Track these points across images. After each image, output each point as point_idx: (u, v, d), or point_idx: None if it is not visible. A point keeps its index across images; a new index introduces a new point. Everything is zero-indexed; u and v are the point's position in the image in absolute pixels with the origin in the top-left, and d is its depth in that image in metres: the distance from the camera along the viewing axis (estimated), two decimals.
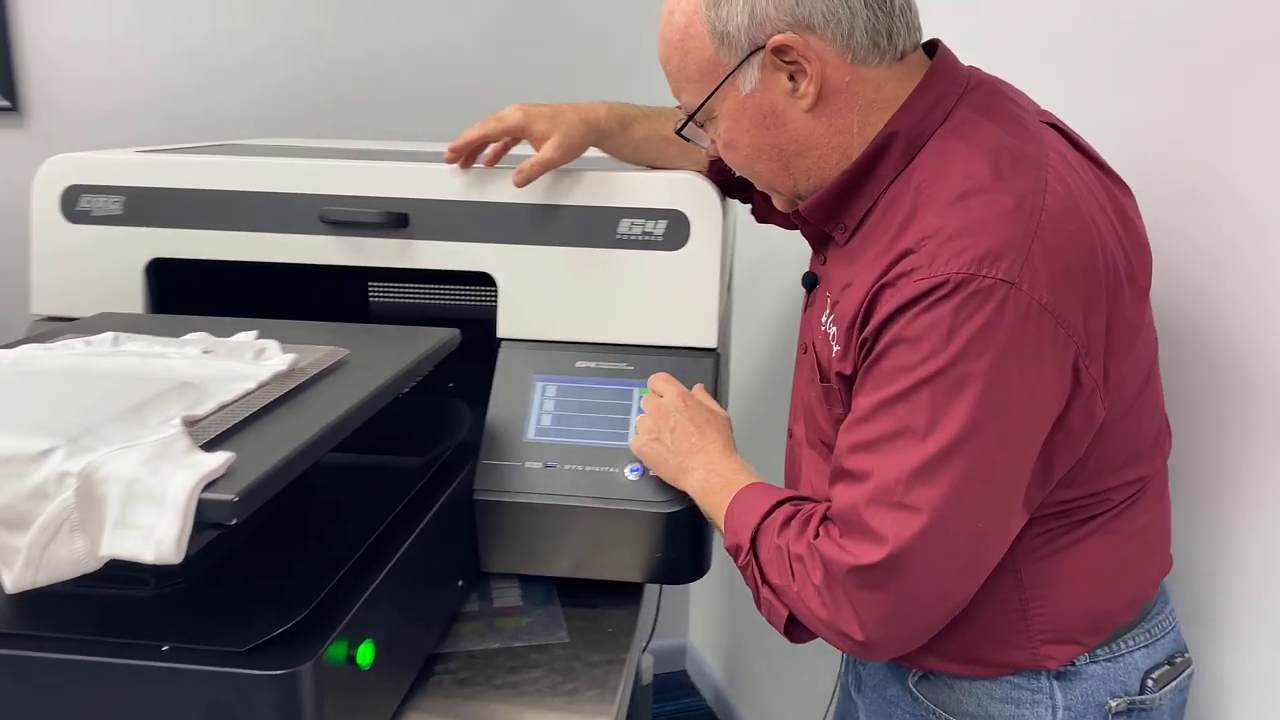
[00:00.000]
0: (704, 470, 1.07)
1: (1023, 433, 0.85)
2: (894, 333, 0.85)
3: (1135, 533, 0.98)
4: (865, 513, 0.85)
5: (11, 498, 0.69)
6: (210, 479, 0.69)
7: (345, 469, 1.12)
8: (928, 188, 0.88)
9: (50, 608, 0.82)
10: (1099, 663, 0.97)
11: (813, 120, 0.93)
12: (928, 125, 0.92)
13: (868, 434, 0.86)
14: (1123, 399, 0.91)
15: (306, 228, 1.27)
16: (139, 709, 0.77)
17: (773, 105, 0.93)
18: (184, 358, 0.94)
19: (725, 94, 0.95)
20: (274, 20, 2.12)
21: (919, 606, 0.88)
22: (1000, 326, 0.81)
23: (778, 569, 0.93)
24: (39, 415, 0.76)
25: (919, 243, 0.85)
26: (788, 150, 0.96)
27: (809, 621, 0.91)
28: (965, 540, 0.85)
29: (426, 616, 1.04)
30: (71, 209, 1.30)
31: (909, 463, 0.83)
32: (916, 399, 0.83)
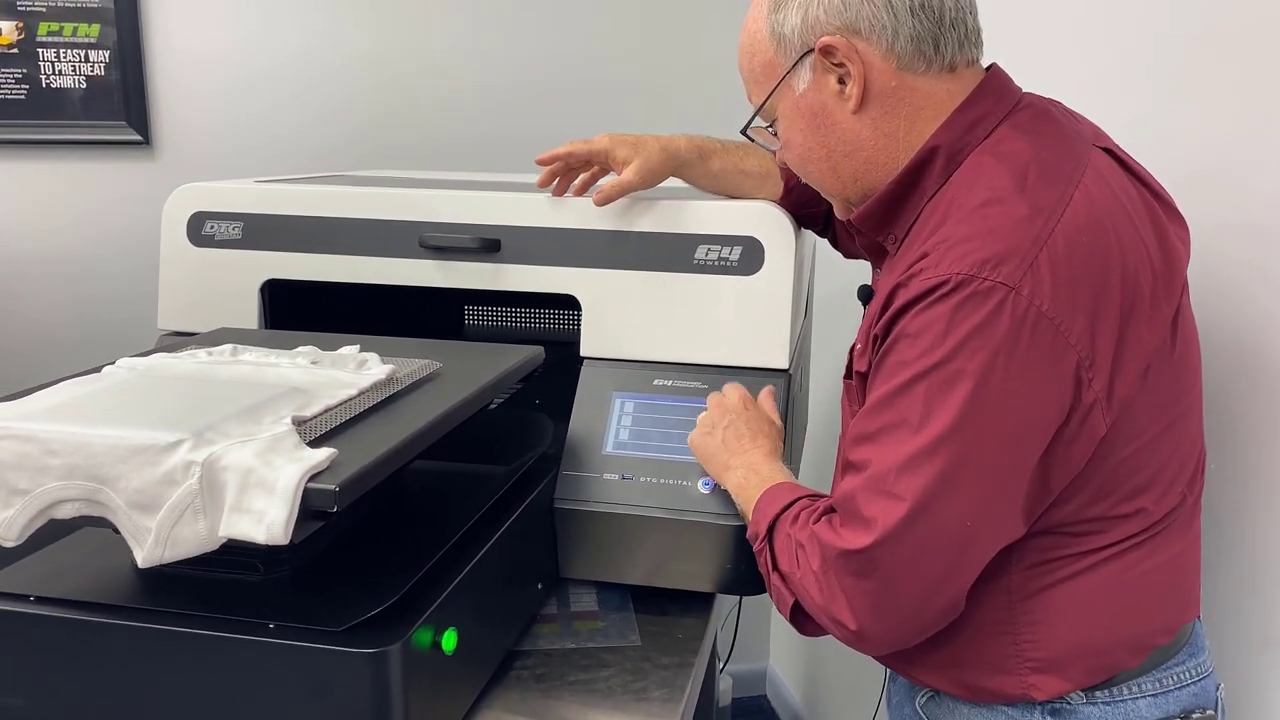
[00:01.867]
0: (745, 470, 1.11)
1: (1015, 435, 0.86)
2: (899, 328, 0.89)
3: (1146, 571, 0.95)
4: (859, 500, 0.89)
5: (144, 483, 0.78)
6: (315, 471, 0.77)
7: (438, 475, 1.20)
8: (958, 199, 0.92)
9: (172, 587, 0.92)
10: (1096, 704, 0.96)
11: (859, 122, 0.98)
12: (969, 141, 0.95)
13: (870, 425, 0.90)
14: (1135, 423, 0.91)
15: (407, 252, 1.36)
16: (246, 680, 0.85)
17: (822, 105, 0.99)
18: (294, 367, 1.03)
19: (782, 94, 1.01)
20: (374, 66, 2.26)
21: (904, 597, 0.90)
22: (996, 328, 0.84)
23: (787, 557, 0.97)
24: (169, 412, 0.85)
25: (934, 246, 0.89)
26: (836, 151, 1.01)
27: (810, 608, 0.95)
28: (950, 535, 0.87)
29: (506, 613, 1.11)
30: (197, 233, 1.43)
31: (901, 453, 0.86)
32: (913, 392, 0.87)
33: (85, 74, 2.14)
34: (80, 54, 2.13)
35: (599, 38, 2.34)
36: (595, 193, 1.28)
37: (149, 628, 0.86)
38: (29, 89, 2.12)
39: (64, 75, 2.13)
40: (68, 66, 2.13)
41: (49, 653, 0.89)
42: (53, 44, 2.12)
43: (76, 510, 0.81)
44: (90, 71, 2.14)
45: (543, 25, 2.31)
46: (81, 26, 2.12)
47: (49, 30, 2.11)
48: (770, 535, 1.00)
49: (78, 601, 0.89)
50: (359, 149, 2.27)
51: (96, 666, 0.88)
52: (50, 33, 2.11)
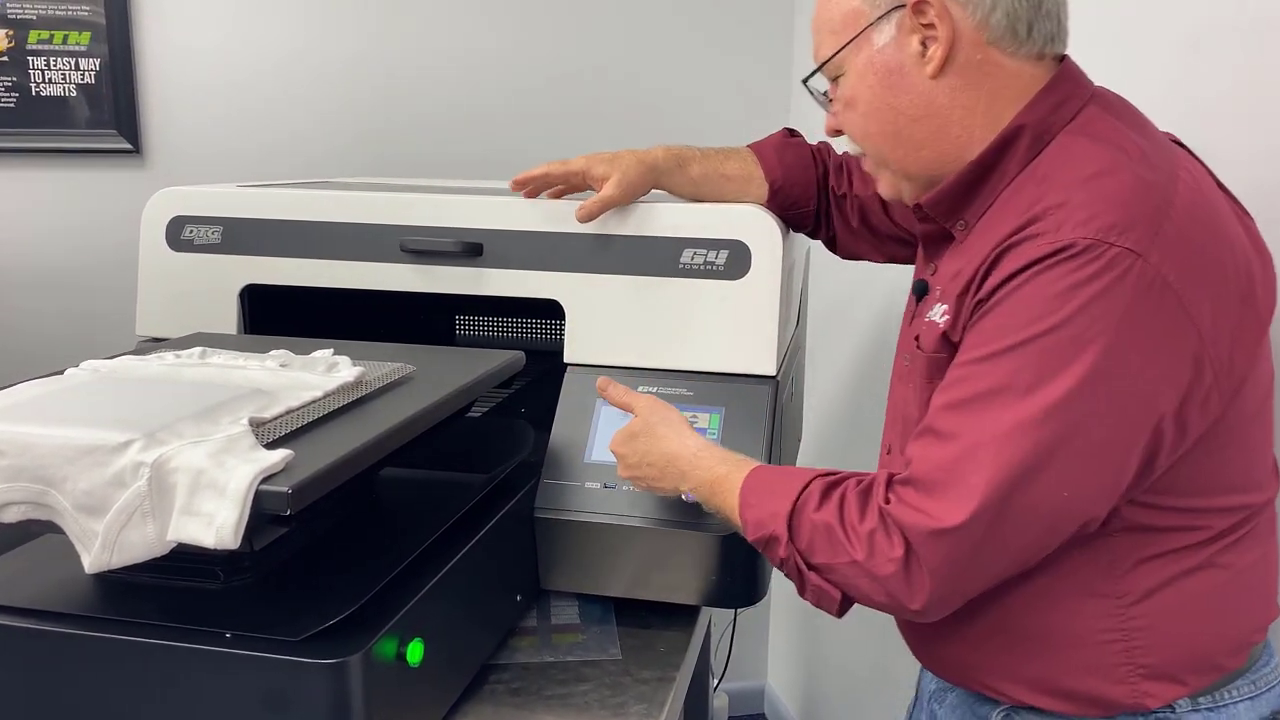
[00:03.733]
0: (689, 481, 1.05)
1: (1129, 409, 0.83)
2: (1009, 290, 0.84)
3: (1243, 569, 0.93)
4: (952, 472, 0.83)
5: (92, 485, 0.75)
6: (269, 473, 0.74)
7: (414, 483, 1.17)
8: (1054, 175, 0.89)
9: (129, 596, 0.89)
10: (1200, 711, 0.93)
11: (934, 87, 0.94)
12: (1055, 122, 0.92)
13: (962, 392, 0.86)
14: (1241, 414, 0.89)
15: (388, 256, 1.34)
16: (201, 690, 0.82)
17: (900, 64, 0.95)
18: (261, 369, 1.00)
19: (859, 46, 0.96)
20: (366, 75, 2.24)
21: (987, 571, 0.87)
22: (1122, 296, 0.80)
23: (822, 547, 0.90)
24: (123, 413, 0.82)
25: (1045, 212, 0.85)
26: (904, 114, 0.96)
27: (863, 595, 0.89)
28: (1048, 509, 0.83)
29: (481, 625, 1.07)
30: (176, 238, 1.40)
31: (1005, 421, 0.82)
32: (1023, 356, 0.82)
33: (76, 82, 2.13)
34: (71, 62, 2.12)
35: (594, 48, 2.33)
36: (578, 209, 1.25)
37: (103, 637, 0.83)
38: (19, 97, 2.11)
39: (54, 84, 2.12)
40: (58, 75, 2.12)
41: (1, 663, 0.86)
42: (43, 52, 2.11)
43: (23, 514, 0.78)
44: (81, 80, 2.13)
45: (538, 35, 2.30)
46: (72, 35, 2.11)
47: (39, 39, 2.10)
48: (792, 534, 0.92)
49: (30, 610, 0.86)
50: (351, 157, 2.25)
51: (49, 677, 0.85)
52: (41, 41, 2.10)
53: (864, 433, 2.15)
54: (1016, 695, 0.98)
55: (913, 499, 0.86)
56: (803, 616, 2.51)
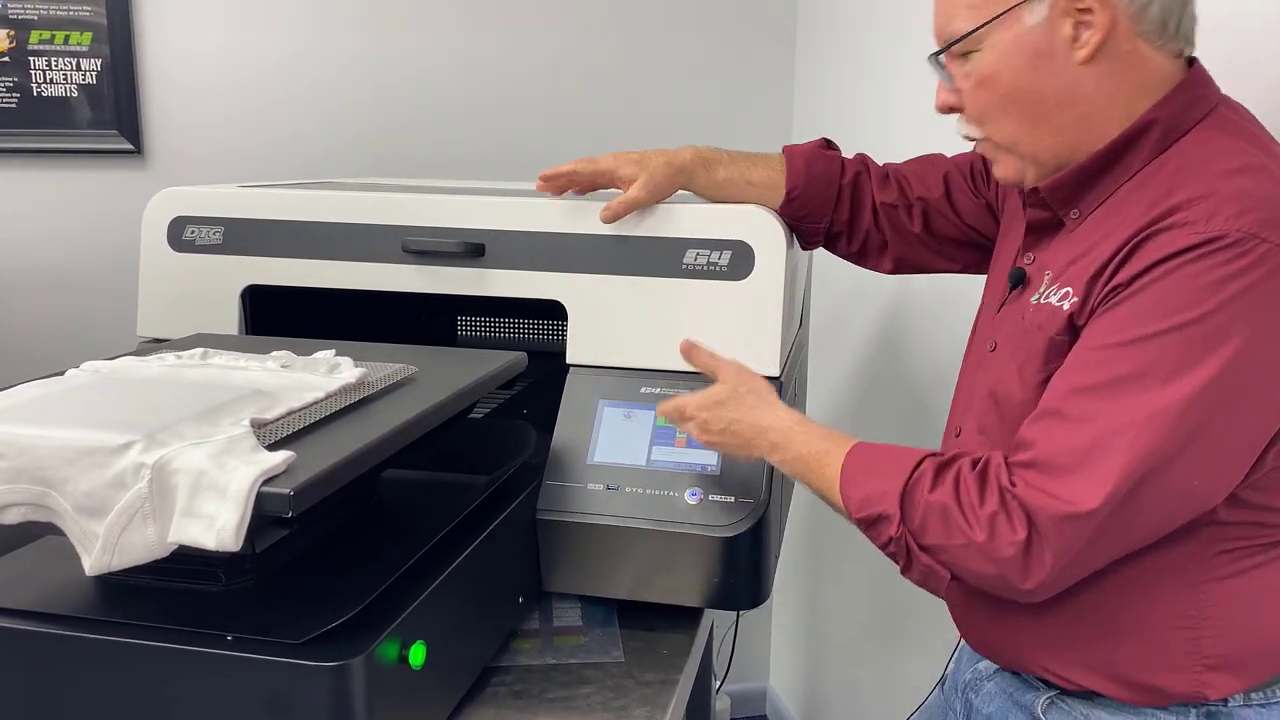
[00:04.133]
0: (780, 454, 1.04)
1: (1268, 404, 0.84)
2: (1153, 278, 0.84)
3: None
4: (1086, 456, 0.83)
5: (93, 486, 0.75)
6: (271, 474, 0.74)
7: (417, 485, 1.17)
8: (1190, 166, 0.89)
9: (131, 598, 0.88)
10: (1252, 707, 0.93)
11: (1082, 74, 0.92)
12: (1186, 120, 0.92)
13: (1095, 376, 0.85)
14: None
15: (389, 257, 1.33)
16: (202, 693, 0.82)
17: (1050, 47, 0.92)
18: (262, 370, 1.00)
19: (1006, 24, 0.93)
20: (368, 76, 2.24)
21: (1106, 555, 0.87)
22: (1271, 291, 0.80)
23: (936, 528, 0.90)
24: (123, 414, 0.82)
25: (1190, 202, 0.84)
26: (1049, 98, 0.94)
27: (975, 575, 0.89)
28: (1179, 496, 0.84)
29: (483, 627, 1.07)
30: (177, 238, 1.40)
31: (1143, 407, 0.82)
32: (1165, 343, 0.82)
33: (77, 83, 2.12)
34: (72, 63, 2.11)
35: (595, 47, 2.32)
36: (603, 209, 1.25)
37: (104, 640, 0.83)
38: (20, 97, 2.10)
39: (56, 84, 2.12)
40: (59, 75, 2.11)
41: (4, 666, 0.85)
42: (45, 52, 2.10)
43: (23, 515, 0.78)
44: (82, 80, 2.12)
45: (538, 32, 2.29)
46: (74, 35, 2.11)
47: (41, 39, 2.10)
48: (904, 508, 0.92)
49: (31, 612, 0.86)
50: (351, 156, 2.25)
51: (50, 680, 0.84)
52: (42, 41, 2.10)
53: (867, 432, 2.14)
54: (1072, 677, 0.97)
55: (1041, 482, 0.85)
56: (805, 619, 2.50)
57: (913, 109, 1.85)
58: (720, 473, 1.18)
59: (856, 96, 2.12)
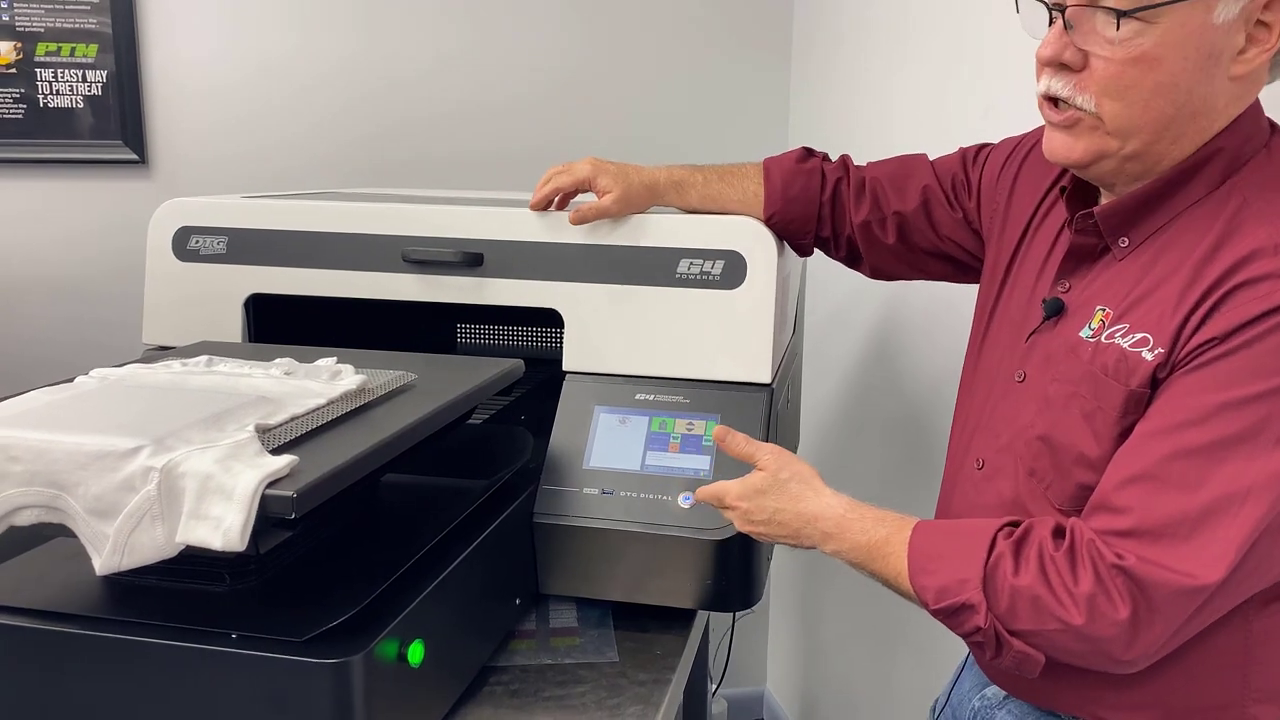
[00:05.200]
0: (835, 544, 0.99)
1: None
2: (1253, 334, 0.80)
3: None
4: (1201, 525, 0.80)
5: (103, 489, 0.77)
6: (275, 477, 0.77)
7: (416, 489, 1.19)
8: (1256, 203, 0.86)
9: (138, 598, 0.91)
10: None
11: (1226, 89, 0.87)
12: (1247, 150, 0.89)
13: (1199, 438, 0.81)
14: None
15: (390, 266, 1.36)
16: (209, 690, 0.84)
17: (1220, 52, 0.85)
18: (266, 377, 1.03)
19: (1198, 10, 0.83)
20: (369, 87, 2.27)
21: (1210, 619, 0.84)
22: None
23: (1027, 614, 0.85)
24: (131, 419, 0.85)
25: (1268, 250, 0.82)
26: (1192, 102, 0.87)
27: (1073, 655, 0.86)
28: (1275, 559, 0.82)
29: (481, 628, 1.10)
30: (182, 248, 1.43)
31: (1258, 471, 0.79)
32: (1273, 404, 0.79)
33: (83, 94, 2.16)
34: (78, 74, 2.15)
35: (592, 52, 2.35)
36: (573, 211, 1.28)
37: (112, 638, 0.86)
38: (27, 108, 2.13)
39: (62, 95, 2.15)
40: (65, 86, 2.15)
41: (10, 663, 0.88)
42: (51, 64, 2.13)
43: (36, 517, 0.80)
44: (88, 91, 2.16)
45: (534, 41, 2.32)
46: (79, 47, 2.14)
47: (47, 50, 2.13)
48: (988, 596, 0.87)
49: (41, 611, 0.89)
50: (353, 167, 2.28)
51: (59, 677, 0.87)
52: (49, 53, 2.13)
53: (861, 440, 2.17)
54: (1107, 715, 0.95)
55: (1152, 554, 0.81)
56: (801, 623, 2.53)
57: (909, 115, 1.88)
58: (713, 477, 1.21)
59: (852, 101, 2.15)
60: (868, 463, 2.15)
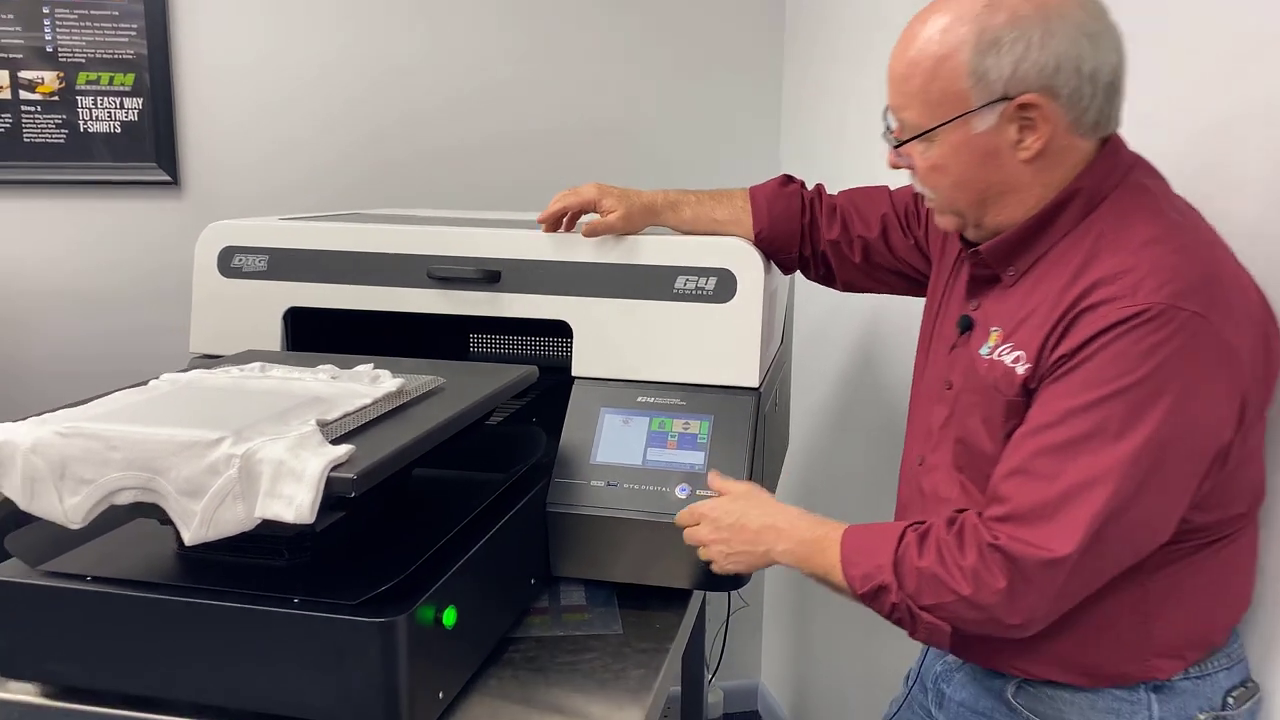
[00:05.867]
0: (782, 543, 1.17)
1: (1201, 447, 0.97)
2: (1095, 348, 0.97)
3: (1235, 563, 1.10)
4: (1058, 509, 0.96)
5: (192, 473, 0.92)
6: (337, 463, 0.91)
7: (442, 482, 1.34)
8: (1109, 235, 1.03)
9: (209, 570, 1.05)
10: (1190, 679, 1.10)
11: (1025, 170, 1.06)
12: (1105, 187, 1.06)
13: (1056, 438, 0.98)
14: (1251, 445, 1.05)
15: (416, 282, 1.51)
16: (273, 647, 0.99)
17: (996, 148, 1.05)
18: (316, 380, 1.17)
19: (957, 126, 1.05)
20: (388, 113, 2.42)
21: (1084, 590, 1.00)
22: (1193, 352, 0.95)
23: (929, 590, 1.03)
24: (211, 415, 1.00)
25: (1114, 276, 0.98)
26: (993, 188, 1.08)
27: (970, 624, 1.02)
28: (1139, 533, 0.98)
29: (502, 601, 1.24)
30: (226, 265, 1.58)
31: (1101, 463, 0.95)
32: (1112, 406, 0.95)
33: (120, 120, 2.31)
34: (116, 101, 2.30)
35: (603, 89, 2.51)
36: (585, 226, 1.44)
37: (191, 602, 1.00)
38: (68, 133, 2.29)
39: (100, 121, 2.30)
40: (104, 113, 2.30)
41: (103, 624, 1.03)
42: (91, 92, 2.29)
43: (133, 497, 0.95)
44: (125, 117, 2.31)
45: (547, 75, 2.48)
46: (118, 76, 2.30)
47: (87, 79, 2.29)
48: (899, 577, 1.05)
49: (129, 580, 1.03)
50: (370, 189, 2.44)
51: (143, 636, 1.02)
52: (89, 82, 2.29)
53: (848, 442, 2.32)
54: (1039, 672, 1.13)
55: (1020, 533, 0.98)
56: (794, 618, 2.66)
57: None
58: (706, 470, 1.35)
59: (843, 120, 2.30)
60: (852, 464, 2.29)
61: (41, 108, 2.27)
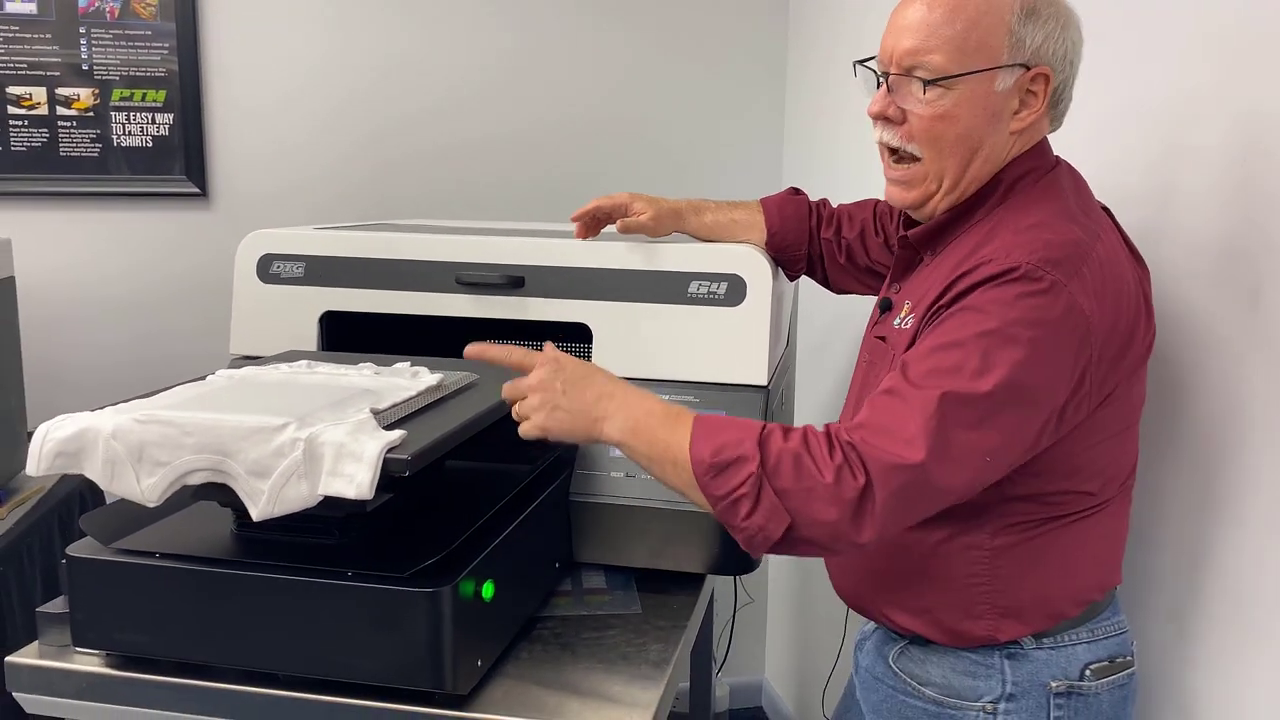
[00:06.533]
0: (623, 412, 1.12)
1: (1041, 396, 1.05)
2: (965, 302, 1.07)
3: (1087, 541, 1.19)
4: (909, 422, 1.02)
5: (260, 455, 1.02)
6: (392, 445, 1.01)
7: (472, 472, 1.43)
8: (1007, 221, 1.14)
9: (269, 548, 1.15)
10: (1044, 649, 1.19)
11: (1008, 140, 1.16)
12: (1024, 182, 1.17)
13: (919, 369, 1.05)
14: (1101, 426, 1.14)
15: (444, 288, 1.61)
16: (329, 615, 1.08)
17: (1002, 111, 1.14)
18: (360, 376, 1.27)
19: (984, 79, 1.12)
20: (406, 125, 2.53)
21: (923, 506, 1.06)
22: (1050, 309, 1.04)
23: (788, 471, 1.02)
24: (274, 404, 1.09)
25: (996, 250, 1.08)
26: (983, 150, 1.16)
27: (815, 519, 1.02)
28: (978, 458, 1.04)
29: (531, 581, 1.34)
30: (265, 272, 1.67)
31: (955, 391, 1.02)
32: (974, 347, 1.03)
33: (151, 134, 2.42)
34: (148, 117, 2.41)
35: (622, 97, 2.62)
36: (620, 222, 1.55)
37: (254, 575, 1.10)
38: (102, 147, 2.39)
39: (133, 135, 2.41)
40: (136, 128, 2.41)
41: (171, 597, 1.12)
42: (124, 108, 2.40)
43: (204, 478, 1.05)
44: (156, 132, 2.42)
45: (564, 85, 2.59)
46: (150, 93, 2.40)
47: (121, 96, 2.39)
48: (762, 451, 1.04)
49: (195, 556, 1.13)
50: (385, 200, 2.54)
51: (208, 608, 1.11)
52: (122, 98, 2.39)
53: None
54: (902, 622, 1.24)
55: (874, 439, 1.03)
56: (797, 615, 2.75)
57: None
58: None
59: (842, 125, 2.41)
60: None
61: (77, 123, 2.38)
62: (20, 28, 2.33)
